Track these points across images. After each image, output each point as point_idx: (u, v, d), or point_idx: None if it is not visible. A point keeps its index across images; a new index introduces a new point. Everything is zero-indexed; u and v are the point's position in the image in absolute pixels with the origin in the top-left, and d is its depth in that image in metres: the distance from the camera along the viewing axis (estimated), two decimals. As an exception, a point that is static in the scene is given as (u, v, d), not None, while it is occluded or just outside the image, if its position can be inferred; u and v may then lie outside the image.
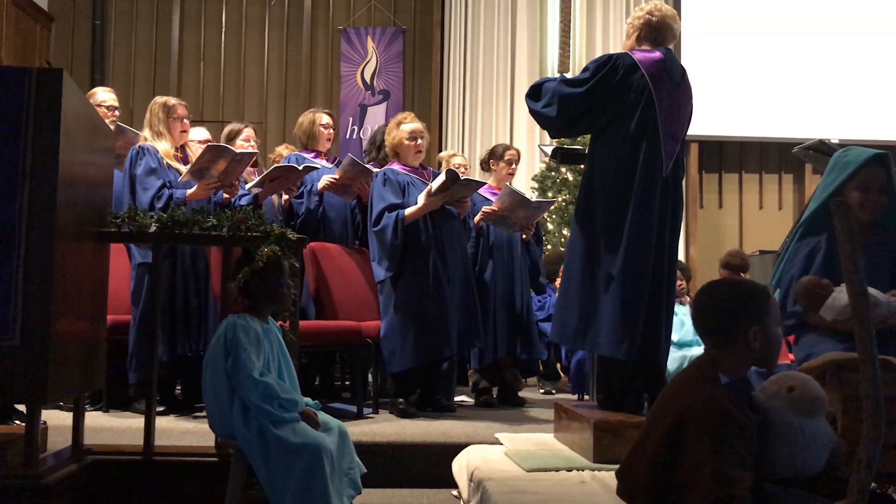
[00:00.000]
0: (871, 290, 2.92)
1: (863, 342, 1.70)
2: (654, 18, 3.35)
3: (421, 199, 4.31)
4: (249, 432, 2.68)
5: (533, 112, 3.47)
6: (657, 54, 3.31)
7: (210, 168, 4.03)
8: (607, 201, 3.23)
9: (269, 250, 2.91)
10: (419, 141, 4.51)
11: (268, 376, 2.74)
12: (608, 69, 3.25)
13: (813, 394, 2.05)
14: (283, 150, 5.26)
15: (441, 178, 4.27)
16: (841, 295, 2.95)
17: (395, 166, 4.51)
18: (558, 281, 5.80)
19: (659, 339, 3.20)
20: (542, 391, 5.70)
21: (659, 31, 3.36)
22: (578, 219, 3.37)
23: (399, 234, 4.24)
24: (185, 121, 4.34)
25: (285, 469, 2.64)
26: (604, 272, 3.20)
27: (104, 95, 4.68)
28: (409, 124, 4.50)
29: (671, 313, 3.32)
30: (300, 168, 4.42)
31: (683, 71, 3.40)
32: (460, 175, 4.37)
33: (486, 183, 4.82)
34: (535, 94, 3.44)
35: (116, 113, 4.69)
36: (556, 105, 3.31)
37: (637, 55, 3.29)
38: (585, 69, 3.34)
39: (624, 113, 3.24)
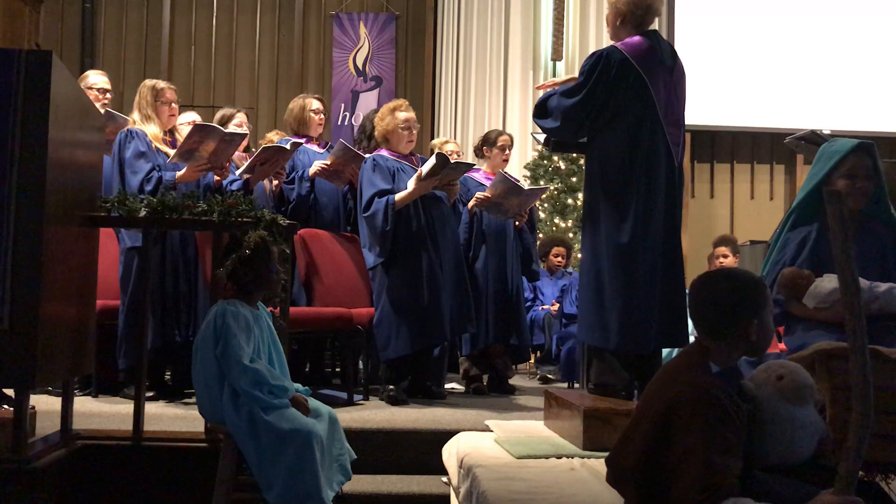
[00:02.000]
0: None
1: (853, 331, 1.70)
2: (631, 1, 3.33)
3: (411, 183, 4.30)
4: (239, 418, 2.68)
5: (542, 129, 3.54)
6: (644, 42, 3.30)
7: (198, 149, 4.00)
8: (610, 195, 3.24)
9: (257, 236, 2.89)
10: (412, 131, 4.51)
11: (258, 363, 2.74)
12: (601, 69, 3.25)
13: (801, 382, 2.06)
14: (274, 136, 5.23)
15: (431, 161, 4.26)
16: (823, 283, 2.96)
17: (384, 152, 4.50)
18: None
19: (674, 327, 3.20)
20: (539, 379, 5.69)
21: (644, 17, 3.35)
22: (585, 213, 3.39)
23: (389, 220, 4.23)
24: (173, 105, 4.30)
25: (275, 455, 2.64)
26: (611, 266, 3.20)
27: (95, 78, 4.65)
28: (405, 113, 4.49)
29: (683, 299, 3.32)
30: (287, 146, 4.40)
31: (673, 51, 3.39)
32: (451, 160, 4.36)
33: (474, 165, 4.82)
34: (541, 112, 3.48)
35: (108, 96, 4.66)
36: (559, 118, 3.36)
37: (625, 48, 3.27)
38: (580, 73, 3.35)
39: (622, 107, 3.25)
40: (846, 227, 1.72)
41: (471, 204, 4.80)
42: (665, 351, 3.45)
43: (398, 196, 4.28)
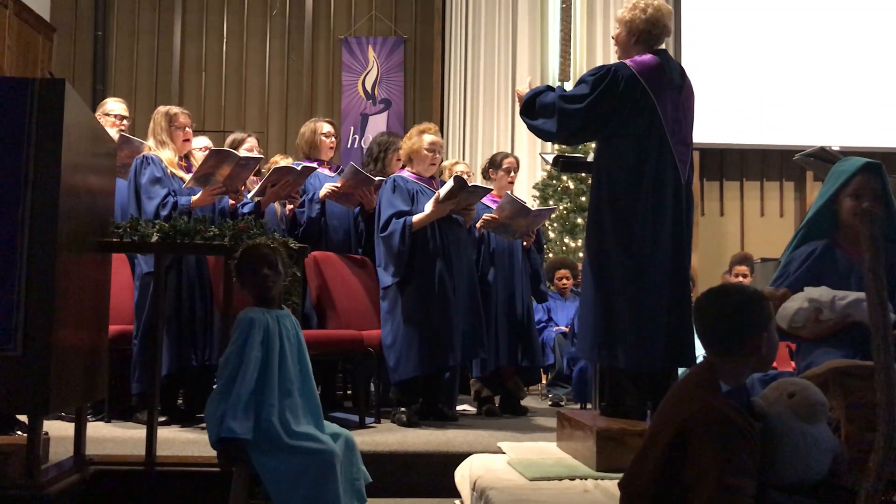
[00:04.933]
0: (816, 294, 2.90)
1: (878, 350, 1.69)
2: (650, 20, 3.33)
3: (429, 206, 4.31)
4: (260, 439, 2.65)
5: (531, 127, 3.48)
6: (654, 60, 3.29)
7: (214, 173, 4.04)
8: (617, 212, 3.23)
9: (246, 243, 2.88)
10: (436, 154, 4.53)
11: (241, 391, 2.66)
12: (608, 82, 3.23)
13: (813, 399, 2.04)
14: (279, 159, 5.26)
15: (449, 184, 4.27)
16: (790, 303, 2.94)
17: (405, 173, 4.52)
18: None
19: (682, 346, 3.18)
20: (550, 402, 5.64)
21: (658, 36, 3.35)
22: (589, 231, 3.37)
23: (406, 241, 4.25)
24: (187, 129, 4.35)
25: (296, 476, 2.60)
26: (618, 284, 3.19)
27: (113, 105, 4.75)
28: (432, 136, 4.52)
29: (690, 319, 3.29)
30: (298, 169, 4.43)
31: (682, 71, 3.39)
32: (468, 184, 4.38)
33: (492, 189, 4.84)
34: (528, 109, 3.43)
35: (125, 123, 4.73)
36: (555, 120, 3.31)
37: (634, 66, 3.26)
38: (583, 82, 3.31)
39: (628, 124, 3.23)
40: (877, 246, 1.72)
41: (478, 225, 4.81)
42: (681, 370, 3.42)
43: (416, 218, 4.29)
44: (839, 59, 8.28)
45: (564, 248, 7.05)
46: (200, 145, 4.77)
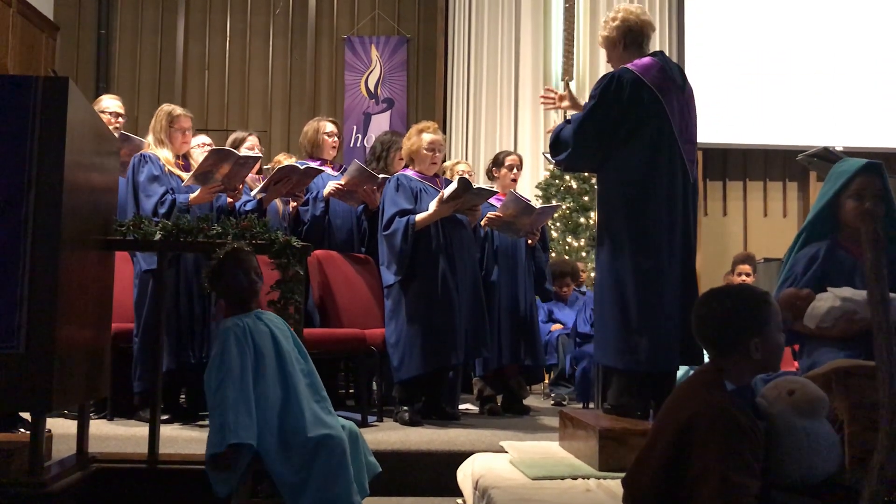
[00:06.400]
0: (847, 293, 2.90)
1: (881, 349, 1.69)
2: (631, 22, 3.35)
3: (432, 205, 4.31)
4: (269, 432, 2.64)
5: (558, 163, 3.52)
6: (654, 61, 3.30)
7: (214, 172, 4.04)
8: (631, 214, 3.22)
9: (229, 247, 2.86)
10: (437, 153, 4.53)
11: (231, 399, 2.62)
12: (614, 90, 3.24)
13: (814, 395, 2.04)
14: (283, 159, 5.26)
15: (453, 185, 4.27)
16: (820, 303, 2.94)
17: (409, 172, 4.52)
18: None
19: (691, 345, 3.17)
20: (552, 402, 5.64)
21: (640, 34, 3.37)
22: (602, 233, 3.37)
23: (409, 239, 4.25)
24: (186, 132, 4.33)
25: (306, 465, 2.59)
26: (637, 288, 3.18)
27: (108, 102, 4.71)
28: (431, 135, 4.51)
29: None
30: (301, 168, 4.43)
31: (681, 71, 3.40)
32: (473, 185, 4.38)
33: (497, 192, 4.84)
34: (554, 147, 3.46)
35: (120, 120, 4.71)
36: (572, 141, 3.34)
37: (636, 69, 3.27)
38: (591, 97, 3.34)
39: (638, 127, 3.24)
40: (879, 246, 1.72)
41: (482, 223, 4.81)
42: (681, 371, 3.42)
43: (419, 217, 4.29)
44: (842, 58, 8.27)
45: (567, 247, 7.05)
46: (199, 143, 4.77)
